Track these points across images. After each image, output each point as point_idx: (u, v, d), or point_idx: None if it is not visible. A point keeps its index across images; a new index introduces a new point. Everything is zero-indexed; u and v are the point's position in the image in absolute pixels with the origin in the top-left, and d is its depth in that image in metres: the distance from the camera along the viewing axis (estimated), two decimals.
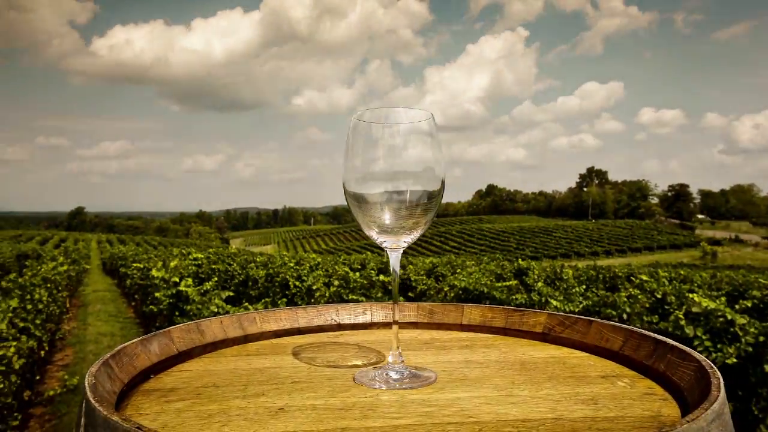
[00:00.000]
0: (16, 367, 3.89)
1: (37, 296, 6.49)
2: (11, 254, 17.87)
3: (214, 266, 11.59)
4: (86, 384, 0.56)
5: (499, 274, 12.70)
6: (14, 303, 5.47)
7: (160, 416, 0.59)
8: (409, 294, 10.19)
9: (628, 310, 6.13)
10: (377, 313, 1.07)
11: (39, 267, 10.22)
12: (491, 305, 1.02)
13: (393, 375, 0.72)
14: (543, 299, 6.95)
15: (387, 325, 1.04)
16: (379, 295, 9.53)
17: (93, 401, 0.51)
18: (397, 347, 0.75)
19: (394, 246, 0.74)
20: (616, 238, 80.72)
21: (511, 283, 9.20)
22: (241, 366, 0.78)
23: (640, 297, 5.48)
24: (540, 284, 8.39)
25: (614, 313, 6.16)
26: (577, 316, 0.91)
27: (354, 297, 8.76)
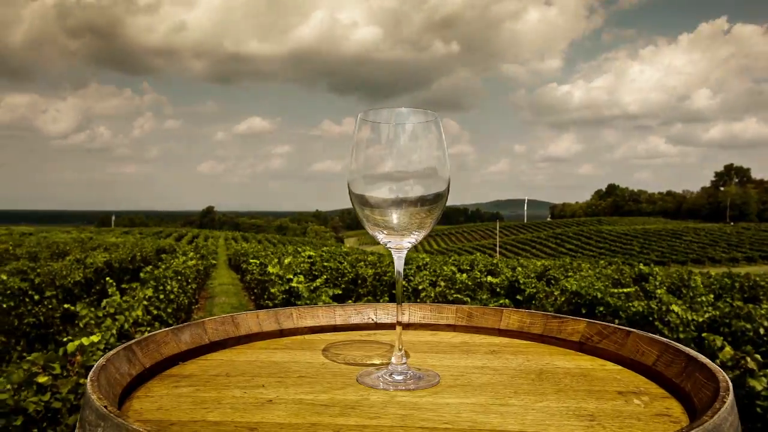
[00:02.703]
0: None
1: (168, 287, 7.20)
2: (152, 249, 19.98)
3: (326, 264, 12.09)
4: (95, 365, 0.62)
5: (616, 280, 11.92)
6: (149, 292, 6.12)
7: (161, 399, 0.64)
8: (518, 297, 9.86)
9: (766, 323, 5.48)
10: (415, 313, 1.06)
11: (171, 261, 11.32)
12: (531, 311, 0.98)
13: (394, 376, 0.72)
14: (663, 308, 6.40)
15: (423, 326, 1.03)
16: (485, 297, 9.35)
17: (88, 380, 0.57)
18: (400, 348, 0.75)
19: (398, 247, 0.74)
20: (760, 243, 72.10)
21: (629, 289, 8.60)
22: (261, 358, 0.82)
23: None
24: (661, 291, 7.75)
25: (748, 326, 5.53)
26: (615, 326, 0.84)
27: (459, 297, 8.68)
